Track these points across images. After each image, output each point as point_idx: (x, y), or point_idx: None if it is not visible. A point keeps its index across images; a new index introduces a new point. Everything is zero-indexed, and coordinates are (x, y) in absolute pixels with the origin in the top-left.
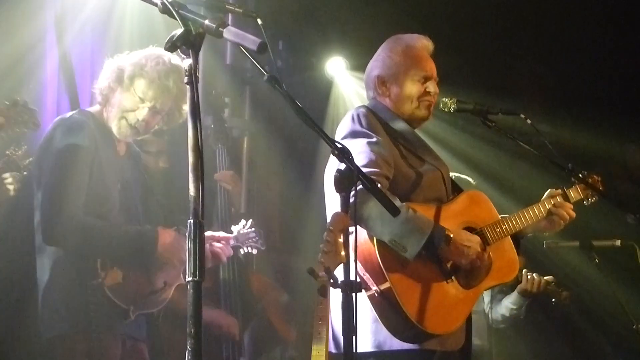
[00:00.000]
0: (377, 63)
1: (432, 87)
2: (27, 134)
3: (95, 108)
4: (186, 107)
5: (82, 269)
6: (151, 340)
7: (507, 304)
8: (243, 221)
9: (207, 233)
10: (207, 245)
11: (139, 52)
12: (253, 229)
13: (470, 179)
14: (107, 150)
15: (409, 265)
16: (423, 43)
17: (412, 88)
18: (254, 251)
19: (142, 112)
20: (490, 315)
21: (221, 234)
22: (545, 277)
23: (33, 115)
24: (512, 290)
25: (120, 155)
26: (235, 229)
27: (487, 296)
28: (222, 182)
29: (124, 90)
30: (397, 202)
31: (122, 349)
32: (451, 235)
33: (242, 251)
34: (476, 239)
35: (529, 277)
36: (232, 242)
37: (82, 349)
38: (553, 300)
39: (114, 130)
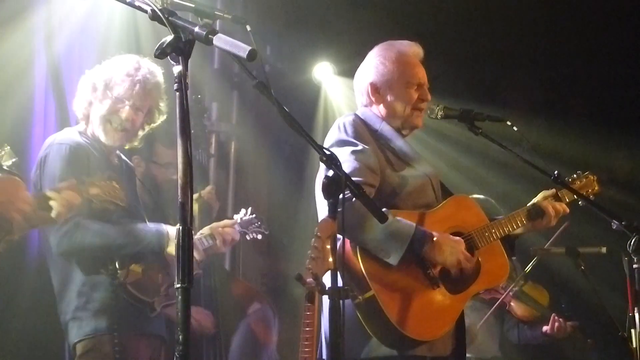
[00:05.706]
0: (369, 70)
1: (425, 94)
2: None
3: (80, 127)
4: (163, 104)
5: (100, 271)
6: (169, 337)
7: (528, 336)
8: (243, 210)
9: (213, 224)
10: (218, 231)
11: (108, 62)
12: (254, 215)
13: (489, 198)
14: (101, 160)
15: (393, 272)
16: (414, 50)
17: (406, 96)
18: (259, 236)
19: (124, 112)
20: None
21: (226, 222)
22: (570, 322)
23: (122, 194)
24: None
25: (114, 164)
26: (236, 217)
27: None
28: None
29: (103, 98)
30: None
31: (150, 347)
32: (435, 238)
33: (248, 237)
34: (460, 242)
35: (557, 324)
36: (237, 227)
37: (109, 351)
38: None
39: (103, 139)
